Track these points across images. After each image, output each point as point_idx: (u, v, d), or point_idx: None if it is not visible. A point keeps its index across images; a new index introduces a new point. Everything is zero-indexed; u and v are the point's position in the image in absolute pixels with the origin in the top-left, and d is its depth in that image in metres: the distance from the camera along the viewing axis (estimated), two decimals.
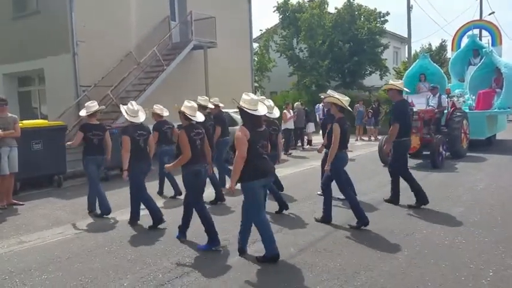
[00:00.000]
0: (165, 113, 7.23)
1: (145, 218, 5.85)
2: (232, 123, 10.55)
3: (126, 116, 5.73)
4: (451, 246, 4.71)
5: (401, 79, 14.84)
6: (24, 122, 8.64)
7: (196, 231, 5.45)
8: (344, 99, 5.46)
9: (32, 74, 14.33)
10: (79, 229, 5.84)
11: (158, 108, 7.26)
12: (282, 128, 13.39)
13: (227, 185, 5.03)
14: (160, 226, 5.65)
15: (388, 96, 6.73)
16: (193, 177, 4.83)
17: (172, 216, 5.85)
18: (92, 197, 6.50)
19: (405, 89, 6.65)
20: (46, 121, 9.82)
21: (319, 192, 6.57)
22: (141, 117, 5.79)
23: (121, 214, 6.38)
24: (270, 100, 6.73)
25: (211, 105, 7.49)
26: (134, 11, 13.84)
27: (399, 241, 4.92)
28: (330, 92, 5.96)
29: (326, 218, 5.66)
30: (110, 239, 5.35)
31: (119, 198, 7.10)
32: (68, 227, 5.97)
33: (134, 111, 5.71)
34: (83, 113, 6.53)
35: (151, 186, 7.46)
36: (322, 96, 6.71)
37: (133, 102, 5.98)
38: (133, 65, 13.12)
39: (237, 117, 11.46)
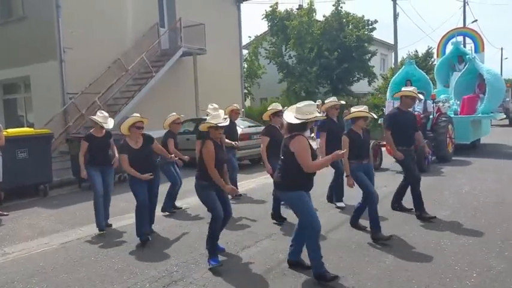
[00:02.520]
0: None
1: (129, 227, 5.81)
2: None
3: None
4: (436, 249, 4.77)
5: (388, 85, 15.07)
6: (8, 130, 8.54)
7: (185, 241, 5.45)
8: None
9: (17, 81, 14.18)
10: (65, 239, 5.75)
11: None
12: None
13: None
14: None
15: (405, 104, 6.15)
16: None
17: (161, 224, 5.84)
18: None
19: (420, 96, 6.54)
20: (32, 129, 9.70)
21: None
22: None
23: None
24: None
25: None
26: (122, 17, 13.82)
27: (386, 245, 4.95)
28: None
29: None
30: (96, 248, 5.29)
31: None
32: (53, 237, 5.89)
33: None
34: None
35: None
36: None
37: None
38: (121, 72, 13.08)
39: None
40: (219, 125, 4.51)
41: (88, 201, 7.71)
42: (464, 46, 17.02)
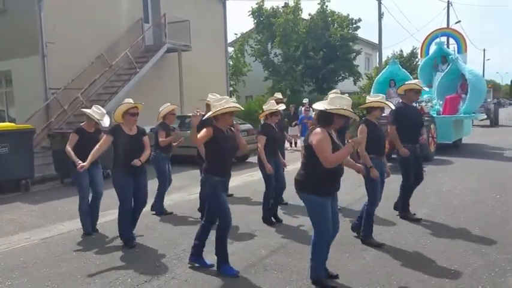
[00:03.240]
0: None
1: (112, 223, 5.77)
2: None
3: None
4: (416, 246, 4.86)
5: (372, 84, 15.20)
6: None
7: (167, 237, 5.44)
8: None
9: None
10: (46, 234, 5.69)
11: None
12: None
13: None
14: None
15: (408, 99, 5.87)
16: None
17: (144, 221, 5.81)
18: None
19: (425, 88, 6.18)
20: (13, 124, 9.55)
21: None
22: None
23: None
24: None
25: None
26: (106, 12, 13.65)
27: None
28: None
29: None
30: (78, 244, 5.25)
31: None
32: (35, 232, 5.82)
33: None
34: None
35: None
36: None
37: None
38: (104, 68, 12.94)
39: None
40: (235, 109, 4.10)
41: (70, 196, 7.67)
42: (448, 47, 17.26)
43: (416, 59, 29.33)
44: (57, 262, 4.63)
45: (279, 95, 7.30)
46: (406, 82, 6.17)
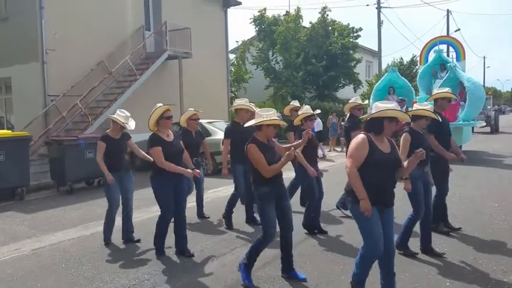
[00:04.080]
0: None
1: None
2: (207, 135, 10.31)
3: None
4: (412, 257, 4.76)
5: (372, 91, 15.16)
6: None
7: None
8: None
9: None
10: (37, 245, 5.61)
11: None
12: None
13: None
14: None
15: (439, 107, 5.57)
16: None
17: (137, 232, 5.74)
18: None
19: (454, 95, 5.86)
20: (9, 131, 9.54)
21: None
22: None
23: (83, 229, 6.22)
24: None
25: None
26: (107, 19, 13.69)
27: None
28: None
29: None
30: (68, 255, 5.16)
31: (83, 212, 6.92)
32: (26, 242, 5.74)
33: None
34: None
35: None
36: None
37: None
38: (104, 74, 12.94)
39: (211, 127, 11.41)
40: (281, 123, 4.12)
41: (65, 205, 7.63)
42: (448, 55, 17.29)
43: (416, 67, 29.33)
44: (45, 274, 4.54)
45: (296, 103, 7.10)
46: (437, 90, 5.90)
